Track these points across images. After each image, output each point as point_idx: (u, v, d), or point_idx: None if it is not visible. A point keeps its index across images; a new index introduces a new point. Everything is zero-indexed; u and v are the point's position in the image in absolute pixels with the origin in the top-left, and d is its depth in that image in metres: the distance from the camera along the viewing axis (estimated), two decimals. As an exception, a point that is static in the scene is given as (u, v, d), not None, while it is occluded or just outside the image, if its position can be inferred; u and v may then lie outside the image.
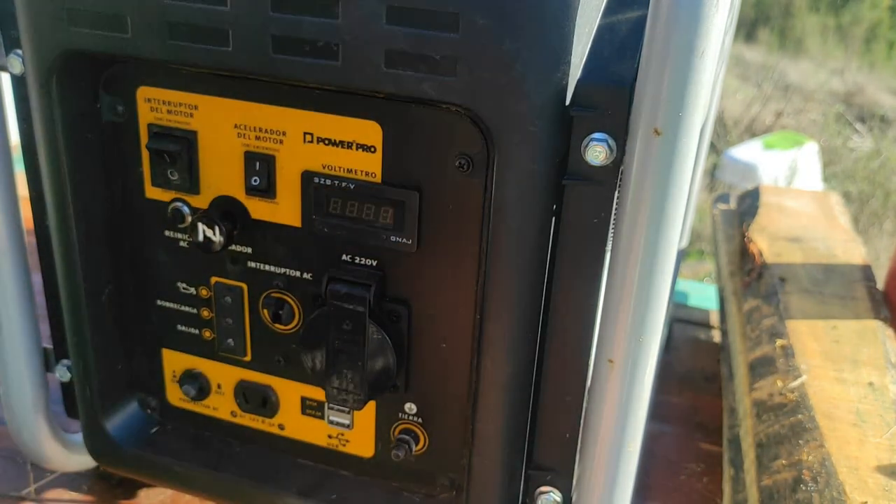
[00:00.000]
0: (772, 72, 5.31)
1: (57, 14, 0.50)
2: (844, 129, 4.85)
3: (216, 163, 0.55)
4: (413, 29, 0.44)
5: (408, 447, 0.59)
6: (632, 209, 0.44)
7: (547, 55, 0.44)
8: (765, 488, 0.64)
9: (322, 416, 0.62)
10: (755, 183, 2.98)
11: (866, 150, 4.56)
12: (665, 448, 0.89)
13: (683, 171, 0.43)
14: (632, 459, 0.51)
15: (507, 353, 0.52)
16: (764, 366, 0.77)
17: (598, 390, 0.50)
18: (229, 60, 0.48)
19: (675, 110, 0.41)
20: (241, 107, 0.53)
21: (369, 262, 0.55)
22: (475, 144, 0.49)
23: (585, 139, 0.46)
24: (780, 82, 5.24)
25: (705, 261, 3.24)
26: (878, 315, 0.81)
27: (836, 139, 4.71)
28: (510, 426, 0.54)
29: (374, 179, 0.52)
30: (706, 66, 0.40)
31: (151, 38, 0.49)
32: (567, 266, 0.50)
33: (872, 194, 4.05)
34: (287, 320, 0.59)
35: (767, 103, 4.98)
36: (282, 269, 0.57)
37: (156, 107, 0.55)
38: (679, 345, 1.11)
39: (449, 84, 0.45)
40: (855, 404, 0.68)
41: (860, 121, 4.92)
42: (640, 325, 0.47)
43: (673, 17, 0.39)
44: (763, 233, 0.98)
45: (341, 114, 0.51)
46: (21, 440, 0.71)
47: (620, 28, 0.47)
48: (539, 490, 0.57)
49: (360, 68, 0.46)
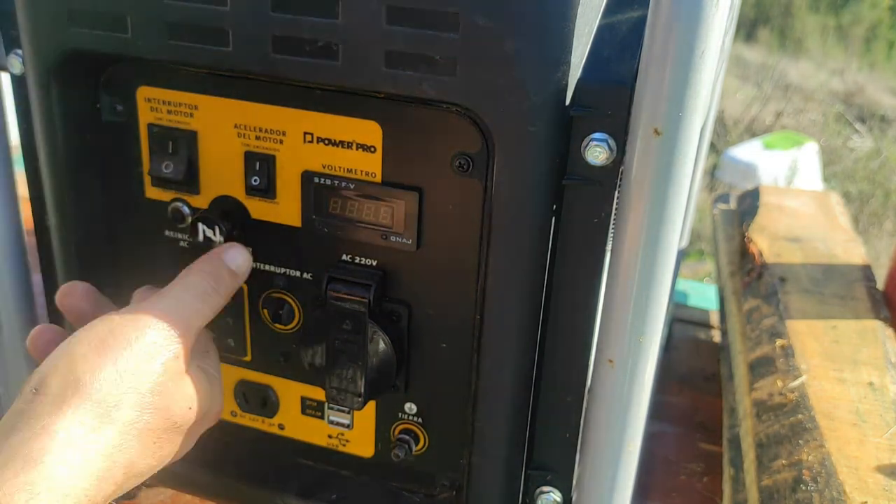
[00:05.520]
0: (772, 72, 5.32)
1: (57, 14, 0.50)
2: (844, 129, 4.85)
3: (216, 163, 0.55)
4: (413, 29, 0.44)
5: (408, 447, 0.59)
6: (632, 209, 0.44)
7: (547, 55, 0.44)
8: (765, 488, 0.64)
9: (322, 416, 0.62)
10: (755, 183, 2.99)
11: (866, 150, 4.56)
12: (665, 448, 0.89)
13: (683, 171, 0.43)
14: (632, 459, 0.51)
15: (507, 353, 0.52)
16: (764, 366, 0.77)
17: (598, 390, 0.50)
18: (229, 60, 0.48)
19: (675, 110, 0.41)
20: (242, 107, 0.53)
21: (369, 262, 0.55)
22: (475, 144, 0.49)
23: (585, 139, 0.46)
24: (780, 82, 5.25)
25: (705, 261, 3.24)
26: (878, 315, 0.81)
27: (836, 139, 4.71)
28: (510, 426, 0.54)
29: (374, 179, 0.52)
30: (706, 66, 0.40)
31: (151, 38, 0.49)
32: (567, 266, 0.50)
33: (872, 194, 4.05)
34: (287, 320, 0.59)
35: (767, 103, 4.99)
36: (282, 269, 0.57)
37: (156, 107, 0.55)
38: (679, 345, 1.11)
39: (449, 84, 0.45)
40: (855, 404, 0.68)
41: (860, 121, 4.92)
42: (640, 325, 0.47)
43: (673, 17, 0.39)
44: (763, 233, 0.98)
45: (341, 114, 0.51)
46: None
47: (620, 28, 0.47)
48: (539, 490, 0.57)
49: (360, 68, 0.46)
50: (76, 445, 0.42)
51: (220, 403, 0.53)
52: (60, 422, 0.42)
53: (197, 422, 0.49)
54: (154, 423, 0.45)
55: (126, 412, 0.44)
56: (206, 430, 0.53)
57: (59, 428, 0.41)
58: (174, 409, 0.47)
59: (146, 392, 0.45)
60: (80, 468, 0.41)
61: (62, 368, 0.44)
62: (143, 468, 0.46)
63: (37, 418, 0.42)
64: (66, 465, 0.41)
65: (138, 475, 0.46)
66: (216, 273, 0.51)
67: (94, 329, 0.46)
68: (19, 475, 0.39)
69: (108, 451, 0.43)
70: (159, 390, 0.46)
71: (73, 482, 0.41)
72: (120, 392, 0.44)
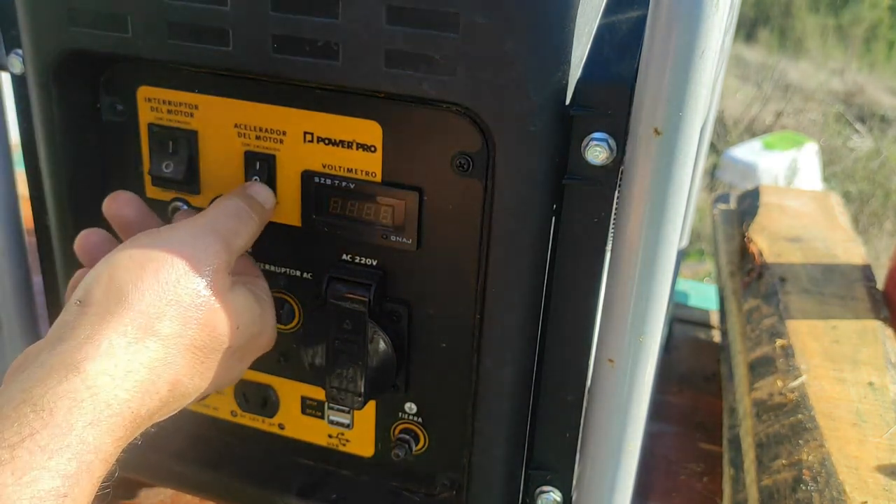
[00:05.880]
0: (772, 72, 5.32)
1: (57, 14, 0.50)
2: (844, 129, 4.85)
3: (216, 162, 0.55)
4: (413, 29, 0.44)
5: (408, 447, 0.59)
6: (632, 209, 0.44)
7: (547, 55, 0.44)
8: (765, 488, 0.64)
9: (322, 415, 0.62)
10: (755, 183, 2.98)
11: (866, 150, 4.56)
12: (665, 448, 0.89)
13: (683, 170, 0.43)
14: (632, 459, 0.51)
15: (507, 353, 0.52)
16: (764, 366, 0.77)
17: (598, 390, 0.50)
18: (229, 60, 0.48)
19: (675, 110, 0.41)
20: (242, 106, 0.53)
21: (369, 262, 0.55)
22: (475, 144, 0.49)
23: (585, 139, 0.46)
24: (780, 82, 5.24)
25: (705, 261, 3.24)
26: (878, 315, 0.81)
27: (836, 139, 4.71)
28: (510, 426, 0.54)
29: (374, 179, 0.52)
30: (706, 65, 0.40)
31: (151, 38, 0.49)
32: (567, 266, 0.50)
33: (872, 194, 4.05)
34: (287, 320, 0.59)
35: (767, 103, 4.98)
36: (282, 269, 0.57)
37: (156, 106, 0.55)
38: (679, 345, 1.11)
39: (449, 84, 0.45)
40: (855, 404, 0.68)
41: (860, 121, 4.92)
42: (640, 325, 0.47)
43: (673, 16, 0.39)
44: (763, 233, 0.98)
45: (341, 113, 0.51)
46: (21, 440, 0.71)
47: (620, 28, 0.47)
48: (539, 490, 0.57)
49: (360, 68, 0.46)
50: (118, 356, 0.41)
51: (273, 329, 0.53)
52: (103, 332, 0.42)
53: (247, 344, 0.49)
54: (199, 338, 0.45)
55: (169, 324, 0.44)
56: (258, 355, 0.52)
57: (102, 338, 0.41)
58: (218, 326, 0.46)
59: (189, 305, 0.45)
60: (122, 378, 0.41)
61: (104, 280, 0.44)
62: (190, 388, 0.46)
63: (81, 328, 0.42)
64: (108, 374, 0.41)
65: (185, 395, 0.46)
66: (248, 200, 0.52)
67: (136, 241, 0.47)
68: (62, 383, 0.39)
69: (151, 364, 0.43)
70: (202, 304, 0.45)
71: (116, 392, 0.41)
72: (162, 304, 0.44)
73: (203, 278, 0.46)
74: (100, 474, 0.40)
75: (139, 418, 0.42)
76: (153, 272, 0.44)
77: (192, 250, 0.46)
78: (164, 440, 0.66)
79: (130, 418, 0.41)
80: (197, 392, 0.47)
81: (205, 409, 0.65)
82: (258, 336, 0.51)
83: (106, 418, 0.40)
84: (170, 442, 0.66)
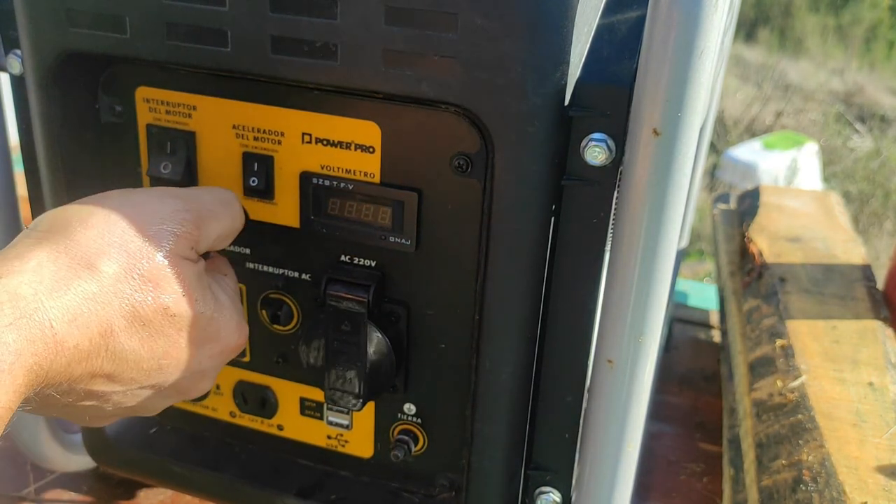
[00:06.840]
0: (772, 72, 5.32)
1: (56, 14, 0.50)
2: (844, 129, 4.85)
3: (214, 163, 0.55)
4: (412, 29, 0.44)
5: (407, 448, 0.59)
6: (631, 209, 0.44)
7: (546, 55, 0.44)
8: (765, 488, 0.64)
9: (321, 416, 0.62)
10: (755, 183, 2.99)
11: (866, 150, 4.56)
12: (665, 448, 0.89)
13: (683, 171, 0.43)
14: (632, 459, 0.51)
15: (507, 354, 0.52)
16: (764, 366, 0.77)
17: (598, 390, 0.50)
18: (228, 61, 0.48)
19: (675, 110, 0.41)
20: (240, 107, 0.53)
21: (368, 263, 0.55)
22: (474, 145, 0.49)
23: (585, 139, 0.46)
24: (780, 82, 5.25)
25: (705, 261, 3.24)
26: (878, 315, 0.81)
27: (836, 139, 4.71)
28: (510, 426, 0.54)
29: (372, 180, 0.52)
30: (705, 66, 0.40)
31: (150, 39, 0.49)
32: (567, 266, 0.50)
33: (872, 194, 4.05)
34: (286, 321, 0.59)
35: (767, 103, 4.98)
36: (280, 270, 0.57)
37: (154, 107, 0.55)
38: (679, 345, 1.11)
39: (447, 84, 0.45)
40: (855, 404, 0.68)
41: (860, 121, 4.92)
42: (639, 325, 0.47)
43: (672, 17, 0.39)
44: (763, 233, 0.98)
45: (340, 114, 0.51)
46: (21, 440, 0.71)
47: (620, 28, 0.47)
48: (539, 490, 0.57)
49: (358, 68, 0.46)
50: (44, 274, 0.39)
51: (236, 333, 0.49)
52: (35, 252, 0.40)
53: (201, 335, 0.46)
54: (140, 293, 0.41)
55: (108, 264, 0.41)
56: (221, 360, 0.49)
57: (32, 256, 0.39)
58: (164, 287, 0.43)
59: (134, 253, 0.42)
60: (47, 295, 0.38)
61: (57, 213, 0.43)
62: (128, 350, 0.41)
63: (14, 248, 0.40)
64: (31, 286, 0.38)
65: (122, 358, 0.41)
66: (234, 193, 0.51)
67: (108, 191, 0.45)
68: None
69: (82, 294, 0.39)
70: (150, 256, 0.42)
71: (40, 302, 0.38)
72: (105, 243, 0.41)
73: (159, 237, 0.43)
74: (20, 386, 0.36)
75: (65, 349, 0.38)
76: (105, 213, 0.42)
77: (157, 208, 0.44)
78: (164, 440, 0.66)
79: (54, 340, 0.38)
80: (140, 366, 0.42)
81: (204, 409, 0.65)
82: (213, 329, 0.47)
83: (27, 325, 0.37)
84: (170, 442, 0.66)
